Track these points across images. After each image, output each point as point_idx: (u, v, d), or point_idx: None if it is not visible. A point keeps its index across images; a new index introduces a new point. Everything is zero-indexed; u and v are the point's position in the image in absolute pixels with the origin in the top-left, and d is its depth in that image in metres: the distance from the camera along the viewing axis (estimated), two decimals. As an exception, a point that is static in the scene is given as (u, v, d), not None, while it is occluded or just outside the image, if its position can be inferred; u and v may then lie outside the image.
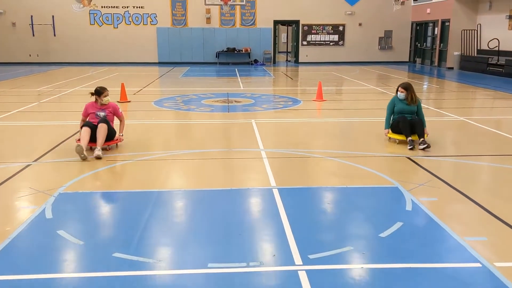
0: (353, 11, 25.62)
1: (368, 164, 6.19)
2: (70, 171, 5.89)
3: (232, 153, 6.77)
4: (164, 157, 6.51)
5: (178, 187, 5.32)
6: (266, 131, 8.29)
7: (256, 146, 7.13)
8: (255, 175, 5.74)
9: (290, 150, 6.88)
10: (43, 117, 9.73)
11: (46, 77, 18.43)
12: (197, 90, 14.25)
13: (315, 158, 6.51)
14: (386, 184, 5.37)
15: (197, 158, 6.56)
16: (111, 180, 5.67)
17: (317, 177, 5.72)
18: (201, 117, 9.76)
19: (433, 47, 23.75)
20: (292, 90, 15.03)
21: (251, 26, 25.53)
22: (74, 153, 6.70)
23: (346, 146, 7.24)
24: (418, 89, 15.06)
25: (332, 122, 9.28)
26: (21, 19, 24.72)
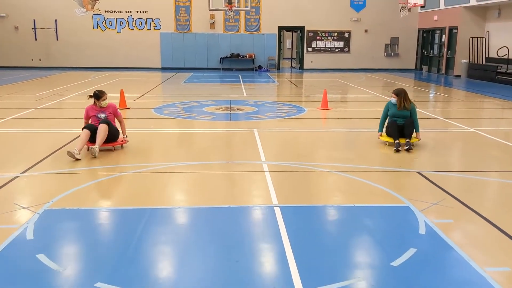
0: (359, 17, 25.29)
1: (376, 179, 5.82)
2: (60, 184, 5.54)
3: (233, 165, 6.41)
4: (161, 170, 6.16)
5: (173, 204, 4.95)
6: (268, 141, 7.93)
7: (258, 158, 6.77)
8: (256, 191, 5.37)
9: (293, 163, 6.51)
10: (38, 124, 9.40)
11: (46, 82, 18.18)
12: (199, 96, 13.92)
13: (320, 172, 6.13)
14: (397, 203, 4.99)
15: (196, 171, 6.20)
16: (102, 195, 5.31)
17: (321, 194, 5.34)
18: (201, 126, 9.41)
19: (440, 55, 23.36)
20: (297, 98, 14.68)
21: (256, 32, 25.24)
22: (66, 164, 6.39)
23: (353, 159, 6.86)
24: (425, 98, 14.68)
25: (338, 133, 8.91)
26: (23, 23, 24.53)
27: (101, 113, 7.09)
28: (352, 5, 25.20)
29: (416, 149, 7.58)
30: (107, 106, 7.16)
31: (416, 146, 7.82)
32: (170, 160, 6.69)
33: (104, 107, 7.12)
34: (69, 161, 6.57)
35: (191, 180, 5.82)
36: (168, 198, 5.17)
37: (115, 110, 7.21)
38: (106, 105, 7.14)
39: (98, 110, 7.12)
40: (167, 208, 4.81)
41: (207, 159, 6.74)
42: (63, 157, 6.77)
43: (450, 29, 22.17)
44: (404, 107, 7.53)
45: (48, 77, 20.12)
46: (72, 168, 6.19)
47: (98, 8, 24.79)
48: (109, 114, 7.13)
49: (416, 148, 7.63)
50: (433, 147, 7.72)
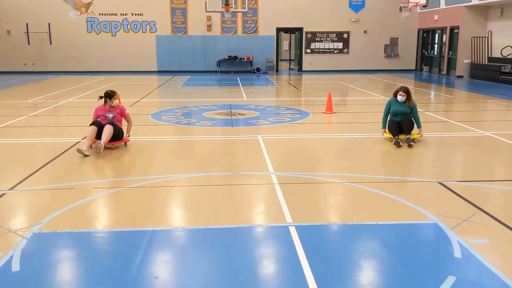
0: (358, 18, 24.88)
1: (395, 191, 5.36)
2: (51, 202, 5.05)
3: (238, 177, 5.93)
4: (161, 184, 5.68)
5: (175, 225, 4.47)
6: (274, 149, 7.46)
7: (265, 169, 6.30)
8: (267, 208, 4.90)
9: (304, 174, 6.04)
10: (29, 133, 8.90)
11: (40, 87, 17.65)
12: (197, 101, 13.44)
13: (333, 183, 5.67)
14: (423, 219, 4.53)
15: (198, 184, 5.72)
16: (97, 214, 4.82)
17: (339, 210, 4.87)
18: (202, 133, 8.93)
19: (442, 55, 22.98)
20: (299, 101, 14.22)
21: (253, 34, 24.79)
22: (58, 178, 5.93)
23: (366, 167, 6.40)
24: (430, 99, 14.25)
25: (346, 138, 8.45)
26: (16, 27, 23.97)
27: (110, 113, 7.52)
28: (351, 6, 24.80)
29: (431, 156, 7.14)
30: (116, 107, 7.60)
31: (430, 152, 7.39)
32: (170, 172, 6.21)
33: (114, 107, 7.57)
34: (62, 174, 6.09)
35: (194, 195, 5.34)
36: (169, 218, 4.68)
37: (122, 111, 7.64)
38: (116, 105, 7.61)
39: (107, 110, 7.56)
40: (168, 230, 4.33)
41: (210, 170, 6.26)
42: (56, 170, 6.28)
43: (451, 29, 21.79)
44: (409, 104, 7.93)
45: (41, 82, 19.58)
46: (65, 183, 5.71)
47: (92, 11, 24.27)
48: (117, 114, 7.55)
49: (430, 155, 7.20)
50: (449, 153, 7.28)
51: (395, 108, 7.94)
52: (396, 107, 7.95)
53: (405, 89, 7.92)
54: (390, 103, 8.05)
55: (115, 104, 7.61)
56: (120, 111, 7.64)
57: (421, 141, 8.04)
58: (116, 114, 7.57)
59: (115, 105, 7.61)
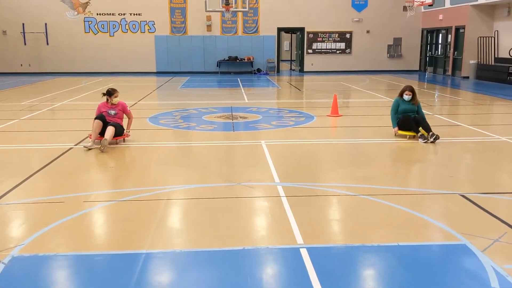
0: (360, 17, 24.42)
1: (413, 205, 4.89)
2: (35, 219, 4.58)
3: (242, 189, 5.46)
4: (157, 196, 5.21)
5: (173, 246, 3.99)
6: (279, 156, 6.99)
7: (270, 179, 5.83)
8: (274, 225, 4.43)
9: (313, 185, 5.57)
10: (20, 138, 8.43)
11: (35, 88, 17.17)
12: (197, 103, 12.97)
13: (345, 196, 5.20)
14: (449, 240, 4.06)
15: (198, 196, 5.25)
16: (86, 233, 4.34)
17: (355, 228, 4.39)
18: (202, 138, 8.46)
19: (446, 55, 22.51)
20: (302, 103, 13.75)
21: (254, 34, 24.32)
22: (46, 189, 5.47)
23: (379, 177, 5.94)
24: (438, 101, 13.79)
25: (355, 144, 7.97)
26: (12, 27, 23.49)
27: (112, 109, 7.83)
28: (354, 5, 24.33)
29: (447, 164, 6.68)
30: (117, 104, 7.90)
31: (446, 159, 6.93)
32: (167, 183, 5.74)
33: (115, 104, 7.85)
34: (52, 185, 5.62)
35: (193, 210, 4.86)
36: (166, 238, 4.20)
37: (124, 108, 7.99)
38: (117, 102, 7.88)
39: (109, 107, 7.85)
40: (165, 252, 3.86)
41: (210, 181, 5.79)
42: (45, 180, 5.82)
43: (457, 29, 21.32)
44: (415, 102, 8.24)
45: (37, 83, 19.11)
46: (54, 195, 5.24)
47: (90, 11, 23.80)
48: (119, 111, 7.88)
49: (446, 162, 6.74)
50: (467, 161, 6.81)
51: (404, 107, 8.21)
52: (404, 105, 8.23)
53: (411, 88, 8.23)
54: (398, 103, 8.30)
55: (115, 102, 7.88)
56: (122, 108, 7.97)
57: (434, 147, 7.58)
58: (118, 111, 7.90)
59: (116, 102, 7.88)
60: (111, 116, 7.74)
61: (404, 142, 8.01)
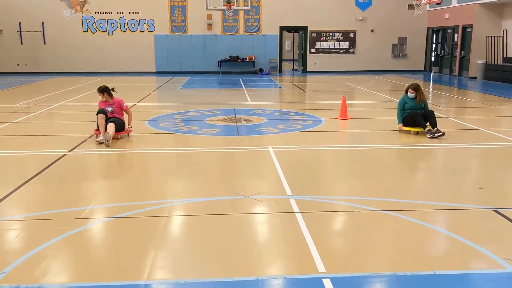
0: (364, 16, 23.89)
1: (442, 222, 4.39)
2: (20, 240, 4.06)
3: (250, 203, 4.93)
4: (155, 212, 4.68)
5: (175, 276, 3.46)
6: (289, 164, 6.46)
7: (281, 191, 5.30)
8: (290, 249, 3.90)
9: (328, 198, 5.05)
10: (9, 143, 7.89)
11: (30, 89, 16.64)
12: (198, 105, 12.44)
13: (367, 212, 4.67)
14: (494, 268, 3.54)
15: (201, 212, 4.72)
16: (76, 259, 3.82)
17: (383, 253, 3.86)
18: (204, 143, 7.93)
19: (453, 55, 21.99)
20: (308, 105, 13.22)
21: (256, 33, 23.78)
22: (35, 204, 4.96)
23: (401, 189, 5.42)
24: (449, 103, 13.27)
25: (369, 151, 7.44)
26: (8, 26, 22.93)
27: (109, 106, 7.94)
28: (358, 4, 23.81)
29: (472, 173, 6.16)
30: (113, 101, 7.97)
31: (470, 168, 6.42)
32: (166, 196, 5.21)
33: (110, 101, 7.95)
34: (40, 198, 5.10)
35: (197, 230, 4.33)
36: (167, 265, 3.67)
37: (120, 104, 8.02)
38: (112, 100, 7.96)
39: (105, 104, 7.98)
40: (167, 283, 3.33)
41: (215, 193, 5.27)
42: (33, 192, 5.30)
43: (464, 28, 20.80)
44: (420, 100, 8.26)
45: (33, 84, 18.57)
46: (42, 211, 4.72)
47: (88, 9, 23.25)
48: (115, 108, 7.94)
49: (471, 172, 6.23)
50: (494, 170, 6.28)
51: (410, 104, 8.33)
52: (410, 103, 8.35)
53: (414, 86, 8.28)
54: (404, 100, 8.43)
55: (107, 99, 7.96)
56: (117, 104, 8.00)
57: (453, 153, 7.07)
58: (115, 108, 7.95)
59: (108, 99, 7.97)
60: (109, 113, 7.89)
61: (420, 147, 7.50)
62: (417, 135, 8.17)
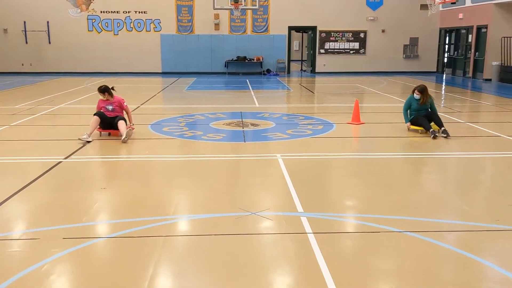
0: (375, 16, 23.33)
1: (477, 248, 3.88)
2: (2, 265, 3.62)
3: (257, 221, 4.46)
4: (153, 231, 4.22)
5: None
6: (300, 175, 5.98)
7: (291, 206, 4.82)
8: (305, 280, 3.41)
9: (345, 217, 4.57)
10: (3, 149, 7.48)
11: (33, 90, 16.28)
12: (204, 108, 11.99)
13: (390, 234, 4.17)
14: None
15: (203, 232, 4.24)
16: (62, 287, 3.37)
17: (408, 284, 3.37)
18: (209, 150, 7.46)
19: (467, 56, 21.37)
20: (318, 108, 12.73)
21: (264, 33, 23.30)
22: (23, 220, 4.53)
23: (424, 205, 4.92)
24: (467, 107, 12.71)
25: (387, 160, 6.93)
26: (13, 25, 22.65)
27: (109, 105, 8.08)
28: (368, 3, 23.26)
29: (499, 187, 5.64)
30: (114, 100, 8.12)
31: (496, 182, 5.90)
32: (167, 211, 4.74)
33: (110, 100, 8.09)
34: (28, 213, 4.67)
35: (199, 253, 3.86)
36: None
37: (120, 103, 8.17)
38: (113, 99, 8.11)
39: (106, 102, 8.12)
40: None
41: (219, 208, 4.80)
42: (21, 207, 4.85)
43: (478, 28, 20.18)
44: (424, 103, 8.43)
45: (37, 84, 18.23)
46: (28, 229, 4.28)
47: (94, 9, 22.91)
48: (116, 106, 8.07)
49: (498, 186, 5.71)
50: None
51: (416, 106, 8.49)
52: (415, 104, 8.52)
53: (421, 88, 8.41)
54: (411, 100, 8.61)
55: (108, 98, 8.08)
56: (118, 103, 8.14)
57: (478, 165, 6.55)
58: (116, 106, 8.10)
59: (109, 98, 8.09)
60: (109, 111, 8.02)
61: (440, 156, 6.99)
62: (425, 133, 8.34)
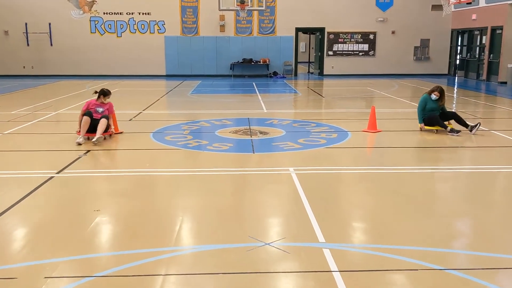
0: (385, 17, 22.65)
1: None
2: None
3: (271, 254, 3.83)
4: (150, 268, 3.59)
5: None
6: (317, 193, 5.34)
7: (311, 235, 4.18)
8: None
9: (376, 249, 3.92)
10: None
11: (33, 93, 15.73)
12: (209, 113, 11.38)
13: (430, 272, 3.53)
14: None
15: (208, 270, 3.60)
16: None
17: None
18: (214, 162, 6.83)
19: (480, 59, 20.65)
20: (329, 114, 12.07)
21: (270, 35, 22.67)
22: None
23: (468, 236, 4.27)
24: (482, 112, 12.02)
25: (415, 175, 6.26)
26: (14, 27, 22.14)
27: (100, 107, 8.27)
28: (378, 4, 22.57)
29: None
30: (106, 104, 8.35)
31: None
32: (167, 242, 4.11)
33: (105, 103, 8.33)
34: (8, 244, 4.05)
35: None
36: None
37: (110, 108, 8.38)
38: (106, 103, 8.35)
39: (98, 104, 8.28)
40: None
41: (227, 237, 4.17)
42: (2, 233, 4.24)
43: (493, 29, 19.46)
44: (443, 103, 8.66)
45: (37, 87, 17.67)
46: (5, 265, 3.67)
47: (96, 10, 22.35)
48: (106, 110, 8.28)
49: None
50: None
51: (431, 106, 8.62)
52: (431, 104, 8.64)
53: (441, 89, 8.61)
54: (426, 100, 8.67)
55: (103, 101, 8.32)
56: (109, 107, 8.35)
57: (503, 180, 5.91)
58: (105, 110, 8.28)
59: (104, 101, 8.33)
60: (98, 113, 8.15)
61: (472, 170, 6.34)
62: (440, 133, 8.51)
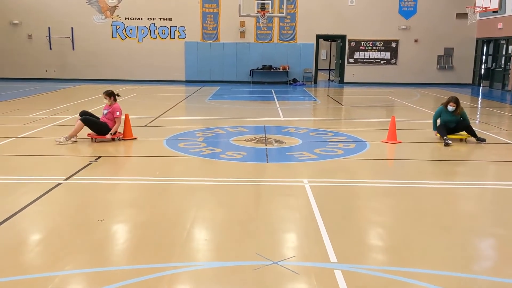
0: (408, 25, 22.25)
1: None
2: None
3: (278, 275, 3.59)
4: (152, 286, 3.40)
5: None
6: (331, 208, 5.09)
7: (323, 255, 3.93)
8: None
9: (395, 272, 3.65)
10: (1, 166, 6.83)
11: (53, 97, 15.85)
12: (225, 120, 11.22)
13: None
14: None
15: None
16: None
17: None
18: (226, 172, 6.64)
19: (506, 68, 20.06)
20: (347, 123, 11.79)
21: (291, 41, 22.49)
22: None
23: (500, 260, 3.96)
24: (508, 124, 11.57)
25: (437, 190, 5.94)
26: (37, 31, 22.49)
27: (106, 109, 8.42)
28: (401, 12, 22.21)
29: None
30: (113, 106, 8.39)
31: None
32: (169, 257, 3.92)
33: (112, 105, 8.39)
34: (7, 256, 3.91)
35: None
36: None
37: (114, 111, 8.37)
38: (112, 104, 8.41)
39: (105, 107, 8.46)
40: None
41: (233, 255, 3.95)
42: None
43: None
44: (458, 113, 8.50)
45: (57, 91, 17.83)
46: (3, 277, 3.52)
47: (118, 15, 22.56)
48: (109, 113, 8.35)
49: None
50: None
51: (446, 118, 8.53)
52: (446, 116, 8.54)
53: (456, 99, 8.48)
54: (441, 111, 8.64)
55: (110, 103, 8.38)
56: (112, 110, 8.38)
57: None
58: (108, 113, 8.37)
59: (110, 103, 8.38)
60: (103, 115, 8.40)
61: (498, 186, 6.00)
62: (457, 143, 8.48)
